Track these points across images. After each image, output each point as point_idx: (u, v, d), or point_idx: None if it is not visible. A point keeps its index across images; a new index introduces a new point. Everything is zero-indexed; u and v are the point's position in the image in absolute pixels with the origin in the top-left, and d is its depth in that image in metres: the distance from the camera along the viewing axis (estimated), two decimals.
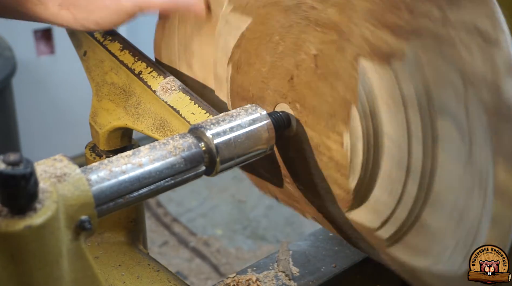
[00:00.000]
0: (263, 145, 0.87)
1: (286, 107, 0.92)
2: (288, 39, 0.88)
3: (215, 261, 2.68)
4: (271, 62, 0.91)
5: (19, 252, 0.62)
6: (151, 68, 0.98)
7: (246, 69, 0.95)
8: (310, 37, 0.84)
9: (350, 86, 0.81)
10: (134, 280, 1.03)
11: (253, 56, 0.93)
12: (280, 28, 0.88)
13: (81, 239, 0.69)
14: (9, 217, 0.61)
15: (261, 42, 0.91)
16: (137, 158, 0.76)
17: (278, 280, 1.05)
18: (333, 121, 0.85)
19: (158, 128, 0.97)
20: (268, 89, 0.93)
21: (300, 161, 0.92)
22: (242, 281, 1.03)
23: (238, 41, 0.95)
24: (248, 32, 0.93)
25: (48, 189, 0.65)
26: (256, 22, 0.92)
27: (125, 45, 1.01)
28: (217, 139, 0.82)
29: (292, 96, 0.90)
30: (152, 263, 1.07)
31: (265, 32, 0.91)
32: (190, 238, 2.81)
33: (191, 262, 2.69)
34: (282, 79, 0.90)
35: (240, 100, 0.98)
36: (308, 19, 0.84)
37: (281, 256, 1.09)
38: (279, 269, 1.07)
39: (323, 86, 0.85)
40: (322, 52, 0.84)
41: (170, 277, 1.03)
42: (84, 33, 1.04)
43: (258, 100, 0.95)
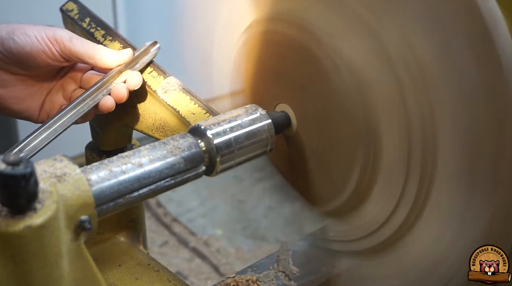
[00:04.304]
0: (263, 145, 0.87)
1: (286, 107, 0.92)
2: None
3: (215, 261, 2.68)
4: None
5: (19, 252, 0.62)
6: (151, 68, 0.98)
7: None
8: None
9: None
10: (134, 280, 1.03)
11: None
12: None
13: (81, 239, 0.69)
14: (9, 217, 0.61)
15: None
16: (137, 158, 0.76)
17: (278, 280, 1.05)
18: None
19: (158, 128, 0.96)
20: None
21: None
22: (242, 281, 1.03)
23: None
24: None
25: (48, 189, 0.65)
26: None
27: (125, 45, 1.01)
28: (217, 139, 0.82)
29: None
30: (152, 263, 1.06)
31: None
32: (190, 238, 2.81)
33: (191, 262, 2.68)
34: None
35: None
36: None
37: (281, 256, 1.09)
38: (279, 269, 1.07)
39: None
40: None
41: (170, 277, 1.03)
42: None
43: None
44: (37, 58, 0.91)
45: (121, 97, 0.93)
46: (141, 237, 1.15)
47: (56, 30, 0.93)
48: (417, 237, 0.85)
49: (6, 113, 0.96)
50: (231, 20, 1.02)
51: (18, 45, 0.90)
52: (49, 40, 0.90)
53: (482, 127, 0.74)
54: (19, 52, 0.90)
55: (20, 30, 0.91)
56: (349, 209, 0.93)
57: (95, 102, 0.92)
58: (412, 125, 0.80)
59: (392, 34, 0.79)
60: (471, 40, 0.73)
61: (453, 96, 0.76)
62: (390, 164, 0.84)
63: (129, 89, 0.93)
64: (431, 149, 0.79)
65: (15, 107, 0.96)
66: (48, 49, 0.91)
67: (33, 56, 0.91)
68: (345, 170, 0.90)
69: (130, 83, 0.93)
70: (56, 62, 0.93)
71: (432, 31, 0.76)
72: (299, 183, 1.00)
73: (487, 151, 0.75)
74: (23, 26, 0.92)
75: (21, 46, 0.90)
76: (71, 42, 0.91)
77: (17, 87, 0.95)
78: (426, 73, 0.77)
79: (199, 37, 1.10)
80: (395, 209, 0.86)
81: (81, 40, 0.93)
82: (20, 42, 0.90)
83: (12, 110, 0.96)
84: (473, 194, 0.77)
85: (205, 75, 1.11)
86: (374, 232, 0.91)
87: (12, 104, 0.95)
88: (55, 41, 0.91)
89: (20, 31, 0.90)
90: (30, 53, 0.90)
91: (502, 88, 0.71)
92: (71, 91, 0.98)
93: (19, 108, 0.96)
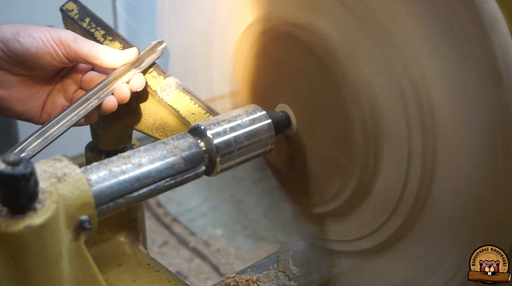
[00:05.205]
0: (263, 145, 0.87)
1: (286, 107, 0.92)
2: None
3: (215, 261, 2.68)
4: None
5: (19, 252, 0.62)
6: (151, 68, 0.98)
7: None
8: None
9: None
10: (134, 280, 1.03)
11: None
12: None
13: (81, 239, 0.69)
14: (9, 217, 0.61)
15: None
16: (137, 158, 0.76)
17: (278, 280, 1.05)
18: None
19: (158, 128, 0.96)
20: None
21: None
22: (242, 281, 1.03)
23: None
24: None
25: (48, 189, 0.65)
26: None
27: (125, 45, 1.01)
28: (217, 139, 0.82)
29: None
30: (152, 263, 1.06)
31: None
32: (190, 238, 2.81)
33: (191, 262, 2.68)
34: None
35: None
36: None
37: (281, 256, 1.09)
38: (279, 269, 1.07)
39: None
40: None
41: (170, 277, 1.03)
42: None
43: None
44: (41, 60, 0.91)
45: (123, 97, 0.93)
46: (141, 237, 1.15)
47: (61, 31, 0.92)
48: (417, 237, 0.85)
49: (9, 115, 0.96)
50: (231, 19, 1.02)
51: (23, 47, 0.90)
52: (54, 41, 0.90)
53: (482, 127, 0.74)
54: (24, 53, 0.90)
55: (25, 31, 0.90)
56: (349, 209, 0.93)
57: (98, 102, 0.92)
58: (413, 125, 0.79)
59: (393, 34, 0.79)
60: (471, 40, 0.73)
61: (454, 96, 0.76)
62: (390, 164, 0.84)
63: (131, 90, 0.94)
64: (431, 149, 0.79)
65: (17, 108, 0.96)
66: (53, 51, 0.91)
67: (38, 58, 0.91)
68: (346, 169, 0.90)
69: (133, 85, 0.94)
70: (61, 63, 0.93)
71: (432, 31, 0.76)
72: (299, 183, 1.00)
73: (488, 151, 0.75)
74: (28, 27, 0.92)
75: (26, 48, 0.90)
76: (76, 44, 0.91)
77: (19, 88, 0.95)
78: (426, 75, 0.77)
79: (199, 37, 1.10)
80: (395, 209, 0.86)
81: (85, 41, 0.93)
82: (25, 43, 0.90)
83: (15, 111, 0.96)
84: (473, 194, 0.77)
85: (205, 75, 1.11)
86: (374, 232, 0.91)
87: (15, 106, 0.95)
88: (60, 43, 0.91)
89: (25, 32, 0.90)
90: (35, 54, 0.90)
91: (501, 90, 0.71)
92: (72, 92, 0.98)
93: (21, 110, 0.96)
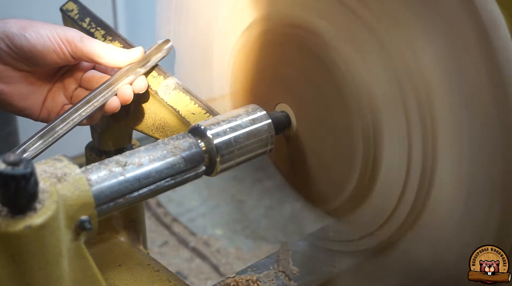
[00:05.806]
0: (263, 145, 0.87)
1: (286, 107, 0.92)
2: None
3: (215, 261, 2.68)
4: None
5: (19, 252, 0.62)
6: (152, 68, 0.98)
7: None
8: None
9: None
10: (134, 280, 1.03)
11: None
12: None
13: (81, 239, 0.69)
14: (9, 217, 0.61)
15: None
16: (137, 158, 0.76)
17: (278, 280, 1.05)
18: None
19: (158, 128, 0.97)
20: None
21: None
22: (242, 281, 1.03)
23: None
24: None
25: (48, 189, 0.65)
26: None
27: (125, 45, 1.01)
28: (217, 139, 0.82)
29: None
30: (152, 263, 1.06)
31: None
32: (190, 238, 2.81)
33: (191, 262, 2.68)
34: None
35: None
36: None
37: (281, 256, 1.09)
38: (279, 269, 1.07)
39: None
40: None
41: (170, 277, 1.03)
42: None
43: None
44: (47, 57, 0.91)
45: (126, 98, 0.93)
46: (141, 237, 1.15)
47: (67, 29, 0.92)
48: (417, 237, 0.85)
49: (9, 110, 0.96)
50: (231, 20, 1.02)
51: (30, 43, 0.90)
52: (61, 39, 0.90)
53: (482, 127, 0.74)
54: (30, 50, 0.90)
55: (32, 28, 0.90)
56: (349, 209, 0.93)
57: (102, 102, 0.92)
58: (412, 125, 0.79)
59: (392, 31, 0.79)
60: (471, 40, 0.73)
61: (453, 95, 0.76)
62: (390, 164, 0.84)
63: (134, 92, 0.94)
64: (431, 149, 0.79)
65: (18, 104, 0.95)
66: (59, 49, 0.90)
67: (43, 55, 0.90)
68: (345, 170, 0.90)
69: (136, 87, 0.94)
70: (65, 61, 0.93)
71: (432, 30, 0.76)
72: (299, 183, 1.00)
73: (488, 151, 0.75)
74: (35, 23, 0.91)
75: (32, 44, 0.90)
76: (82, 42, 0.91)
77: (21, 83, 0.95)
78: (426, 75, 0.77)
79: (199, 37, 1.10)
80: (395, 208, 0.86)
81: (91, 40, 0.92)
82: (32, 40, 0.89)
83: (15, 107, 0.96)
84: (473, 194, 0.77)
85: (205, 76, 1.11)
86: (375, 232, 0.91)
87: (16, 101, 0.95)
88: (67, 42, 0.91)
89: (32, 29, 0.90)
90: (41, 51, 0.90)
91: (501, 90, 0.71)
92: (72, 90, 0.98)
93: (22, 105, 0.96)
